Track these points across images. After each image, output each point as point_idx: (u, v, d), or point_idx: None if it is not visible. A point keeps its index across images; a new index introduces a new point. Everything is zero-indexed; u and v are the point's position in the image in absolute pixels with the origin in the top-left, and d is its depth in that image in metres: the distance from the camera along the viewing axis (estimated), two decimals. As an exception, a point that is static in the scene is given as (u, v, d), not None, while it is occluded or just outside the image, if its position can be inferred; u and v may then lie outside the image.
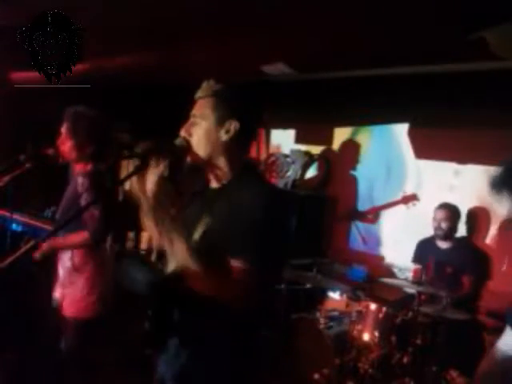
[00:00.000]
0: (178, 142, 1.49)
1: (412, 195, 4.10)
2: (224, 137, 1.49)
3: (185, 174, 1.53)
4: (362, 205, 4.53)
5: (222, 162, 1.52)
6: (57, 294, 2.54)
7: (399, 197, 4.20)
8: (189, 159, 1.51)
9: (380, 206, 4.36)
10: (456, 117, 3.82)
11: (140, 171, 1.36)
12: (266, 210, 1.42)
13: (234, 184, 1.52)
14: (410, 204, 4.10)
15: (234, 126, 1.48)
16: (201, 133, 1.50)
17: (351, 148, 4.67)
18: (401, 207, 4.17)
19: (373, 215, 4.40)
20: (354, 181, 4.63)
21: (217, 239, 1.42)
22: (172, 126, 1.72)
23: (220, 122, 1.49)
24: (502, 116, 3.48)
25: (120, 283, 2.74)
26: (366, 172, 4.54)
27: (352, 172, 4.65)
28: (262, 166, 4.85)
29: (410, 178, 4.19)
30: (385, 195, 4.33)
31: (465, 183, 3.84)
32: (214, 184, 1.58)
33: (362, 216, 4.45)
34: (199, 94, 1.55)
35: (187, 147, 1.49)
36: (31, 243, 1.26)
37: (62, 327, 2.49)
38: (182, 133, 1.52)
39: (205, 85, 1.55)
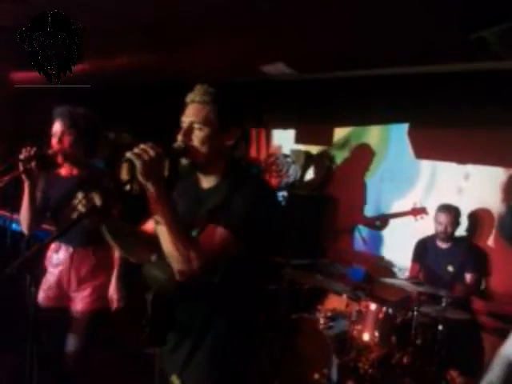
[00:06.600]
0: (176, 145, 1.54)
1: (421, 208, 4.02)
2: (228, 143, 1.57)
3: (181, 175, 1.58)
4: (371, 206, 4.48)
5: (219, 164, 1.59)
6: (72, 292, 2.54)
7: (407, 201, 4.14)
8: (184, 161, 1.55)
9: (388, 214, 4.30)
10: (456, 117, 3.82)
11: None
12: (253, 195, 1.52)
13: (227, 181, 1.58)
14: (419, 217, 4.05)
15: (237, 132, 1.56)
16: (203, 138, 1.55)
17: (365, 153, 4.56)
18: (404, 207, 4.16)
19: (380, 222, 4.34)
20: (363, 186, 4.57)
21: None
22: (171, 126, 1.72)
23: (224, 129, 1.56)
24: (502, 116, 3.49)
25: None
26: (379, 172, 4.48)
27: (362, 177, 4.58)
28: (262, 165, 4.84)
29: (421, 180, 4.14)
30: (394, 196, 4.30)
31: (474, 186, 3.82)
32: (205, 184, 1.64)
33: (370, 223, 4.39)
34: (195, 97, 1.57)
35: (186, 150, 1.54)
36: (36, 246, 1.26)
37: (71, 324, 2.49)
38: (181, 138, 1.55)
39: (199, 89, 1.57)
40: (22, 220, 2.48)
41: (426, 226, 3.85)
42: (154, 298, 1.55)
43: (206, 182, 1.64)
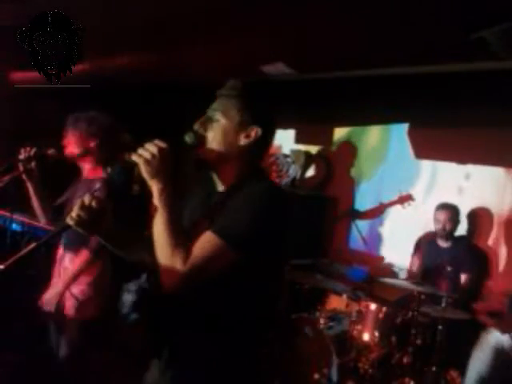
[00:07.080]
0: (188, 139, 1.42)
1: (407, 195, 4.08)
2: (242, 141, 1.44)
3: (189, 173, 1.48)
4: (371, 205, 4.48)
5: (232, 165, 1.46)
6: (57, 297, 2.51)
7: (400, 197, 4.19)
8: (196, 156, 1.44)
9: (375, 206, 4.33)
10: (456, 117, 3.82)
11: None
12: (263, 200, 1.38)
13: (239, 187, 1.44)
14: (406, 204, 4.09)
15: (255, 132, 1.44)
16: (219, 131, 1.43)
17: (348, 149, 4.64)
18: (406, 208, 4.16)
19: (373, 214, 4.37)
20: (351, 181, 4.61)
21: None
22: (171, 126, 1.71)
23: (242, 126, 1.44)
24: (502, 116, 3.49)
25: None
26: (379, 172, 4.49)
27: (350, 172, 4.63)
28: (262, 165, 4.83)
29: (422, 180, 4.15)
30: (394, 196, 4.27)
31: (475, 186, 3.83)
32: (219, 187, 1.51)
33: (361, 215, 4.42)
34: (222, 91, 1.49)
35: (198, 143, 1.42)
36: (32, 245, 1.25)
37: (63, 328, 2.47)
38: (197, 126, 1.44)
39: (229, 83, 1.49)
40: (39, 217, 2.52)
41: (427, 227, 3.86)
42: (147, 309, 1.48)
43: (220, 183, 1.51)
